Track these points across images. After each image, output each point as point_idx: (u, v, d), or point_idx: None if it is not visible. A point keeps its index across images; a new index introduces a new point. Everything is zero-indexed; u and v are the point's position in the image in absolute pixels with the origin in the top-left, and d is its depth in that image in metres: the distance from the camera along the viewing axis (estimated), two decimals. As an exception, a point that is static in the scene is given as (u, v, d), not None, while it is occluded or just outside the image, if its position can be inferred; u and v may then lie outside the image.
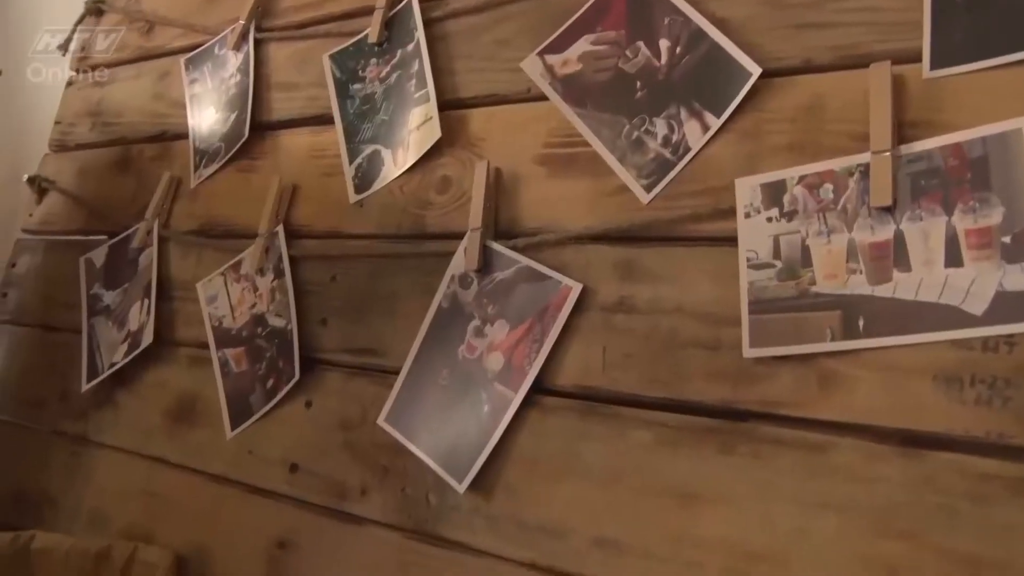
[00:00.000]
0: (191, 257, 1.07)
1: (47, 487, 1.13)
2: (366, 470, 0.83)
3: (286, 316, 0.92)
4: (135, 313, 1.07)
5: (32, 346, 1.25)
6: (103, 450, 1.09)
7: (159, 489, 1.01)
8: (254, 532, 0.90)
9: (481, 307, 0.79)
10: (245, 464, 0.93)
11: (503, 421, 0.74)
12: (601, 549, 0.67)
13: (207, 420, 0.98)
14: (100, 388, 1.10)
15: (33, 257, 1.31)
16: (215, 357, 0.98)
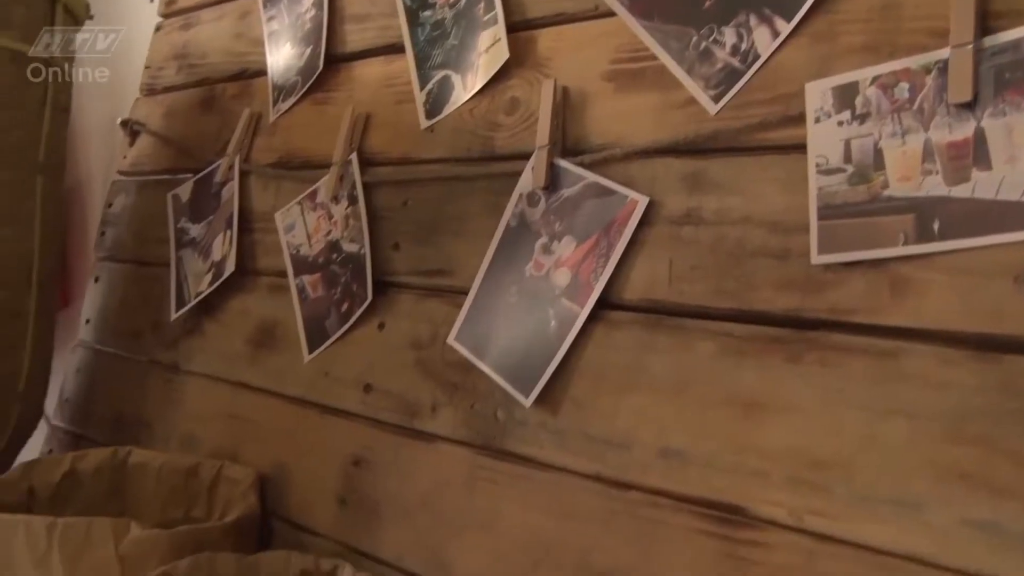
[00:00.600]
0: (270, 189, 1.10)
1: (143, 412, 1.19)
2: (436, 388, 0.84)
3: (360, 241, 0.94)
4: (218, 244, 1.11)
5: (128, 281, 1.30)
6: (192, 377, 1.14)
7: (242, 412, 1.05)
8: (330, 451, 0.93)
9: (548, 224, 0.78)
10: (321, 386, 0.96)
11: (569, 336, 0.74)
12: (666, 460, 0.67)
13: (286, 345, 1.01)
14: (188, 318, 1.15)
15: (127, 197, 1.36)
16: (293, 284, 1.01)
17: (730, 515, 0.63)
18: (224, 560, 0.81)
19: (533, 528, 0.74)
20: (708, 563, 0.64)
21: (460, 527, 0.80)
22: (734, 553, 0.63)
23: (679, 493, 0.66)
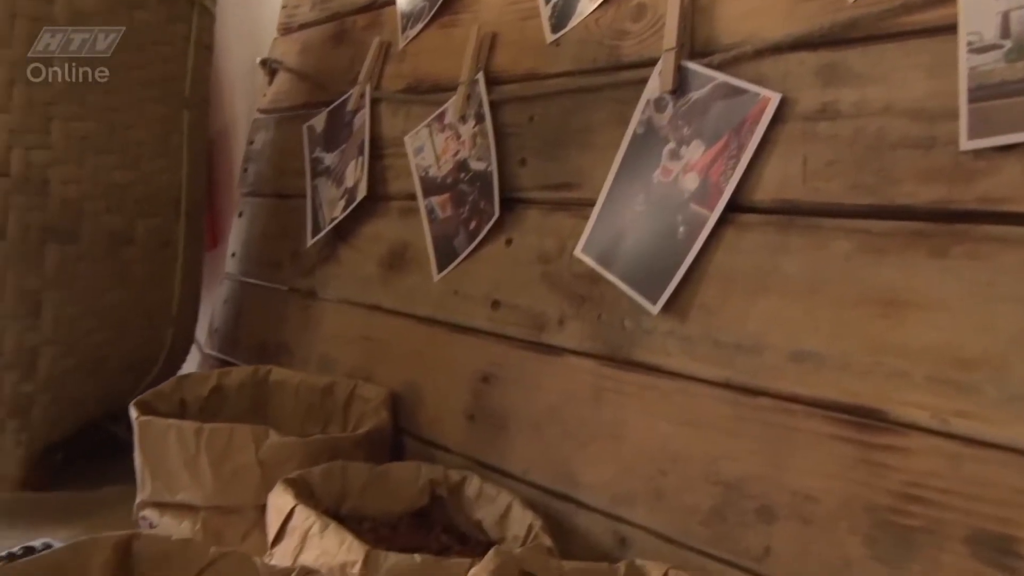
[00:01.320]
0: (399, 115, 1.11)
1: (284, 337, 1.23)
2: (563, 301, 0.83)
3: (487, 159, 0.94)
4: (351, 171, 1.13)
5: (268, 213, 1.35)
6: (328, 302, 1.17)
7: (375, 334, 1.08)
8: (459, 368, 0.94)
9: (676, 129, 0.76)
10: (450, 304, 0.97)
11: (698, 241, 0.71)
12: (798, 363, 0.64)
13: (416, 266, 1.03)
14: (323, 245, 1.18)
15: (267, 133, 1.40)
16: (422, 205, 1.02)
17: (867, 419, 0.60)
18: (356, 468, 0.83)
19: (660, 438, 0.73)
20: (843, 469, 0.61)
21: (586, 439, 0.79)
22: (870, 459, 0.60)
23: (812, 397, 0.63)
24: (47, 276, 1.02)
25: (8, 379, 1.03)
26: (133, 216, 1.09)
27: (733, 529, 0.67)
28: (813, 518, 0.62)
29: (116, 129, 1.06)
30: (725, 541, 0.67)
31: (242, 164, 1.44)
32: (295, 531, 0.69)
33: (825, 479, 0.62)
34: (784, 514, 0.64)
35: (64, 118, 1.02)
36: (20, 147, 1.00)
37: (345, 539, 0.65)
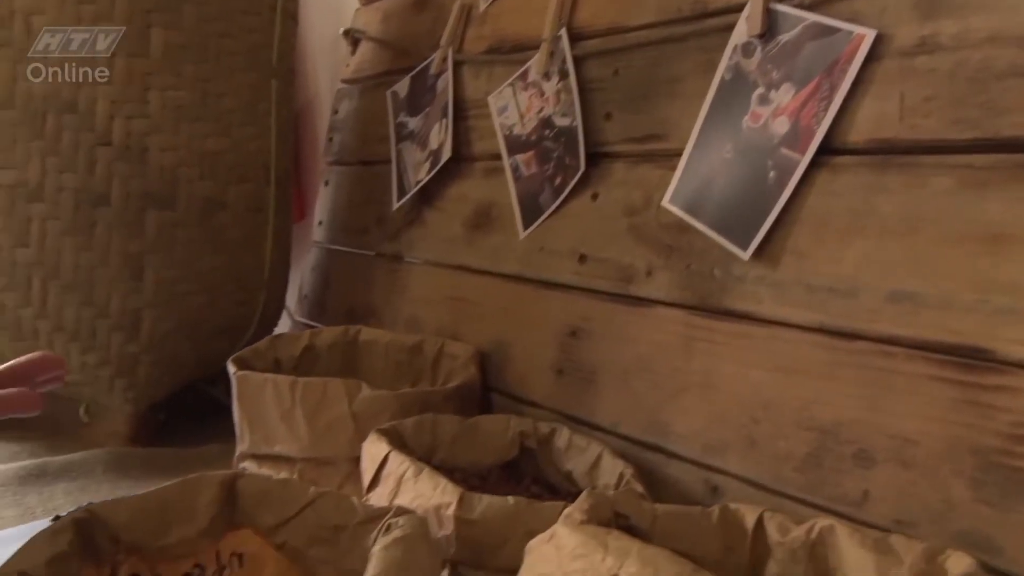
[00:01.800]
0: (482, 76, 1.11)
1: (371, 301, 1.25)
2: (651, 252, 0.83)
3: (571, 115, 0.93)
4: (435, 133, 1.14)
5: (353, 181, 1.38)
6: (414, 264, 1.19)
7: (462, 293, 1.09)
8: (547, 324, 0.94)
9: (765, 73, 0.74)
10: (537, 261, 0.97)
11: (789, 185, 0.70)
12: (896, 304, 0.63)
13: (501, 225, 1.03)
14: (409, 209, 1.19)
15: (350, 102, 1.42)
16: (507, 164, 1.02)
17: (971, 359, 0.59)
18: (446, 420, 0.84)
19: (752, 385, 0.72)
20: (945, 411, 0.59)
21: (677, 389, 0.79)
22: (977, 400, 0.58)
23: (912, 339, 0.62)
24: (148, 241, 1.06)
25: (115, 340, 1.07)
26: (225, 182, 1.12)
27: (829, 475, 0.66)
28: (914, 461, 0.61)
29: (208, 98, 1.10)
30: (821, 487, 0.66)
31: (327, 134, 1.47)
32: (390, 476, 0.71)
33: (926, 421, 0.60)
34: (883, 458, 0.62)
35: (161, 88, 1.05)
36: (121, 117, 1.03)
37: (439, 482, 0.67)
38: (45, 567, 0.53)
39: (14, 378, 0.59)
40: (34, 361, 0.60)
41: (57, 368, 0.62)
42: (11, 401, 0.57)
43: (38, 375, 0.61)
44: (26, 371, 0.60)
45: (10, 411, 0.57)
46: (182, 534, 0.61)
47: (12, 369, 0.60)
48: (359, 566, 0.60)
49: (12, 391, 0.58)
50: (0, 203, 1.03)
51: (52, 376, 0.62)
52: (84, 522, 0.57)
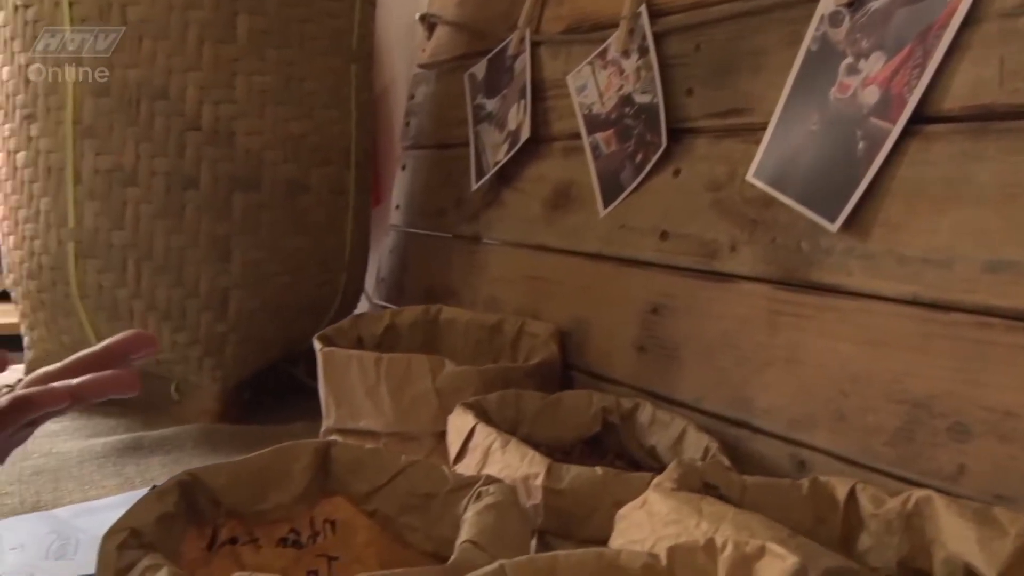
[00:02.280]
0: (560, 56, 1.11)
1: (450, 282, 1.27)
2: (735, 227, 0.82)
3: (652, 91, 0.93)
4: (513, 114, 1.15)
5: (431, 164, 1.39)
6: (493, 245, 1.20)
7: (541, 273, 1.09)
8: (627, 301, 0.94)
9: (854, 43, 0.73)
10: (617, 239, 0.97)
11: (880, 155, 0.69)
12: (994, 274, 0.61)
13: (581, 204, 1.03)
14: (488, 191, 1.20)
15: (427, 87, 1.44)
16: (586, 142, 1.02)
17: (1075, 329, 0.57)
18: (529, 396, 0.85)
19: (840, 359, 0.71)
20: (1047, 383, 0.58)
21: (762, 364, 0.78)
22: (1079, 370, 0.57)
23: (1012, 309, 0.60)
24: (235, 222, 1.09)
25: (204, 319, 1.10)
26: (308, 165, 1.15)
27: (922, 448, 0.64)
28: (1014, 435, 0.59)
29: (292, 82, 1.12)
30: (914, 461, 0.65)
31: (404, 119, 1.49)
32: (476, 448, 0.72)
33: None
34: (980, 431, 0.61)
35: (247, 73, 1.08)
36: (210, 102, 1.06)
37: (527, 453, 0.67)
38: (154, 525, 0.55)
39: (111, 357, 0.60)
40: (129, 339, 0.61)
41: (150, 345, 0.63)
42: (110, 382, 0.58)
43: (133, 352, 0.62)
44: (122, 349, 0.61)
45: (110, 392, 0.59)
46: (278, 499, 0.63)
47: (108, 348, 0.61)
48: (449, 533, 0.61)
49: (110, 373, 0.59)
50: (98, 188, 1.07)
51: (145, 352, 0.63)
52: (187, 485, 0.59)
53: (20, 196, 1.12)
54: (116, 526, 0.54)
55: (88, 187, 1.07)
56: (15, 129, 1.12)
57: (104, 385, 0.58)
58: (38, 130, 1.09)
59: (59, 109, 1.07)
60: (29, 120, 1.09)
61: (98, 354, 0.61)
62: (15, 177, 1.13)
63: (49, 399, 0.56)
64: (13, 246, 1.15)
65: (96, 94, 1.06)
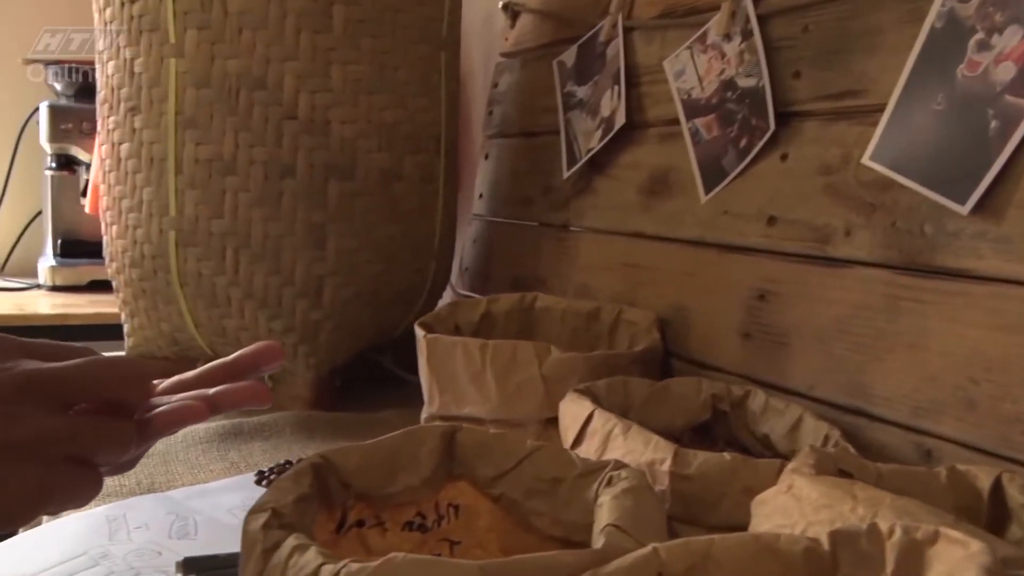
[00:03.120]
0: (655, 42, 1.10)
1: (538, 271, 1.27)
2: (850, 211, 0.81)
3: (757, 75, 0.91)
4: (606, 101, 1.14)
5: (516, 152, 1.39)
6: (584, 233, 1.19)
7: (636, 260, 1.08)
8: (731, 287, 0.93)
9: (985, 17, 0.71)
10: (720, 225, 0.96)
11: (1016, 135, 0.67)
12: None
13: (680, 190, 1.02)
14: (578, 179, 1.20)
15: (511, 75, 1.44)
16: (685, 128, 1.01)
17: None
18: (637, 383, 0.84)
19: (969, 345, 0.69)
20: None
21: (880, 351, 0.76)
22: None
23: None
24: (330, 210, 1.10)
25: (299, 307, 1.12)
26: (401, 153, 1.15)
27: (1064, 437, 0.62)
28: None
29: (385, 70, 1.12)
30: (1054, 450, 0.63)
31: (487, 108, 1.49)
32: (595, 434, 0.72)
33: None
34: None
35: (342, 62, 1.09)
36: (306, 91, 1.07)
37: (651, 439, 0.67)
38: (292, 506, 0.55)
39: (241, 368, 0.62)
40: (259, 350, 0.63)
41: (278, 356, 0.65)
42: (245, 393, 0.60)
43: (262, 364, 0.63)
44: (252, 361, 0.63)
45: (244, 404, 0.61)
46: (407, 482, 0.63)
47: (238, 360, 0.62)
48: (579, 518, 0.61)
49: (245, 384, 0.61)
50: (198, 176, 1.08)
51: (274, 364, 0.65)
52: (320, 467, 0.60)
53: (123, 187, 1.15)
54: (258, 506, 0.54)
55: (189, 176, 1.09)
56: (119, 121, 1.14)
57: (239, 396, 0.60)
58: (141, 122, 1.11)
59: (162, 101, 1.09)
60: (133, 112, 1.12)
61: (228, 365, 0.63)
62: (119, 168, 1.15)
63: (190, 415, 0.58)
64: (116, 235, 1.18)
65: (197, 85, 1.07)
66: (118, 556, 0.72)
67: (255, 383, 0.62)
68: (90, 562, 0.71)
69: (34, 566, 0.70)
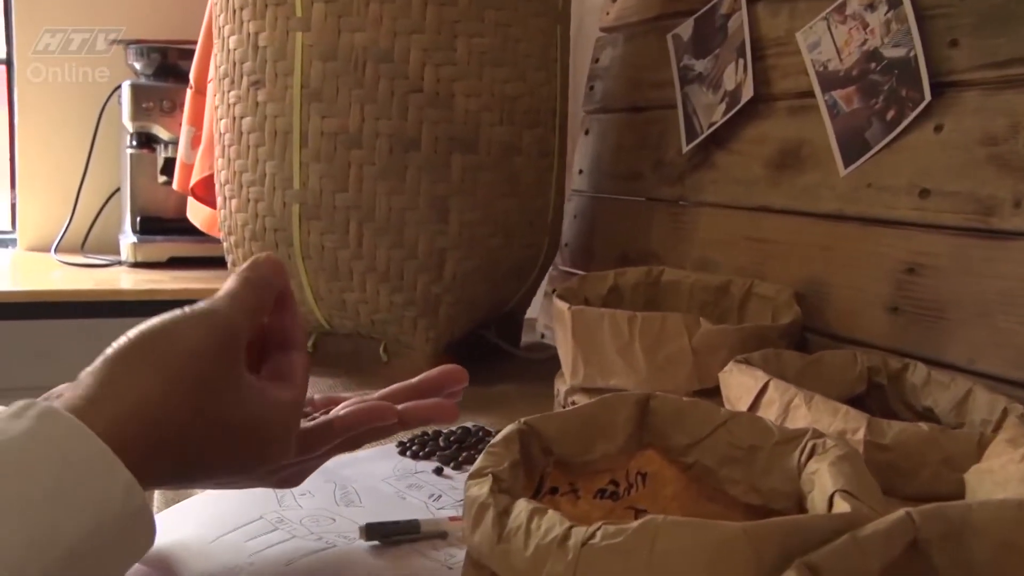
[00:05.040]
0: (782, 14, 1.09)
1: (649, 246, 1.26)
2: (1020, 182, 0.79)
3: (907, 44, 0.90)
4: (729, 74, 1.13)
5: (621, 128, 1.38)
6: (702, 207, 1.18)
7: (764, 234, 1.07)
8: (876, 261, 0.92)
9: None
10: (863, 198, 0.94)
11: None
12: None
13: (814, 164, 1.01)
14: (695, 152, 1.19)
15: (613, 50, 1.43)
16: (822, 101, 1.00)
17: None
18: (789, 355, 0.84)
19: None
20: None
21: (1054, 324, 0.75)
22: None
23: None
24: (453, 183, 1.10)
25: (421, 281, 1.12)
26: (521, 127, 1.15)
27: None
28: None
29: (508, 43, 1.12)
30: None
31: (587, 83, 1.48)
32: (773, 404, 0.71)
33: None
34: None
35: (467, 35, 1.08)
36: (432, 64, 1.07)
37: (839, 408, 0.66)
38: (508, 471, 0.56)
39: (424, 390, 0.65)
40: (445, 372, 0.66)
41: (462, 380, 0.67)
42: (435, 410, 0.63)
43: (447, 387, 0.66)
44: (437, 383, 0.66)
45: (433, 420, 0.63)
46: (604, 450, 0.63)
47: (423, 382, 0.66)
48: (779, 486, 0.60)
49: (434, 401, 0.64)
50: (324, 150, 1.09)
51: (458, 388, 0.67)
52: (524, 433, 0.60)
53: (245, 160, 1.15)
54: (477, 471, 0.55)
55: (313, 150, 1.09)
56: (241, 95, 1.14)
57: (426, 412, 0.63)
58: (265, 95, 1.11)
59: (287, 75, 1.09)
60: (256, 86, 1.12)
61: (413, 386, 0.66)
62: (240, 142, 1.16)
63: (378, 415, 0.60)
64: (235, 209, 1.19)
65: (324, 58, 1.07)
66: (295, 521, 0.73)
67: (442, 400, 0.64)
68: (268, 526, 0.72)
69: (213, 530, 0.71)
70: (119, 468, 0.44)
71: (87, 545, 0.43)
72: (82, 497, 0.43)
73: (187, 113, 1.94)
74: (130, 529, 0.45)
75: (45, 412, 0.44)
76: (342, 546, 0.69)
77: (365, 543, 0.69)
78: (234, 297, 0.55)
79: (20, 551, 0.40)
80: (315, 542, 0.69)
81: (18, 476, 0.42)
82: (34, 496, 0.41)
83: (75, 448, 0.43)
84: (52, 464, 0.42)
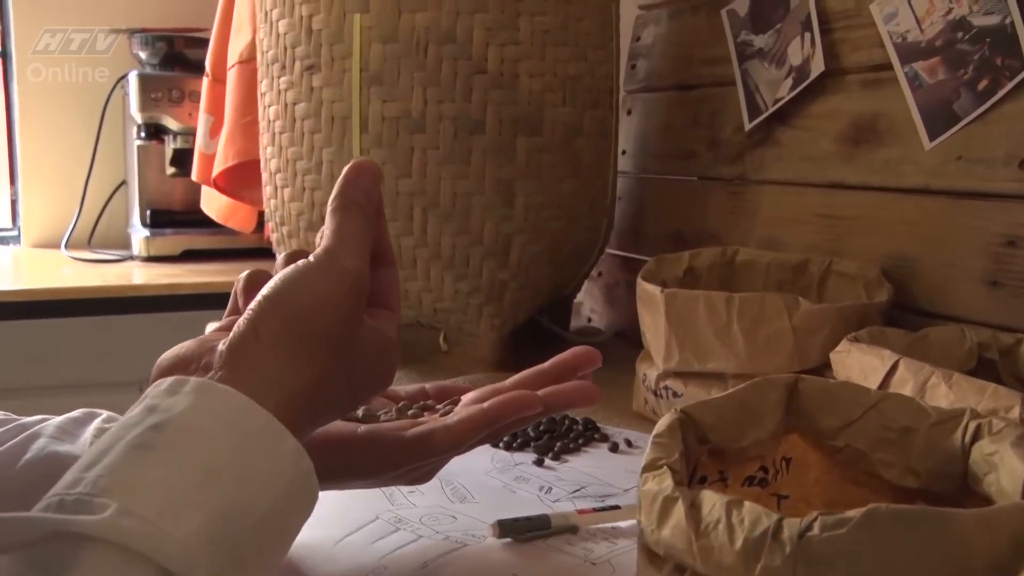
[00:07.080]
0: (851, -15, 1.07)
1: (706, 226, 1.24)
2: None
3: (999, 11, 0.88)
4: (795, 49, 1.11)
5: (669, 107, 1.36)
6: (765, 185, 1.16)
7: (838, 211, 1.06)
8: (970, 236, 0.90)
9: None
10: (952, 171, 0.93)
11: None
12: None
13: (893, 138, 0.99)
14: (756, 130, 1.17)
15: (656, 27, 1.40)
16: (901, 73, 0.98)
17: None
18: (894, 333, 0.82)
19: None
20: None
21: None
22: None
23: None
24: (518, 166, 1.08)
25: (486, 267, 1.09)
26: (582, 107, 1.13)
27: None
28: None
29: (569, 22, 1.09)
30: None
31: (628, 62, 1.45)
32: (906, 383, 0.70)
33: None
34: None
35: (530, 13, 1.06)
36: (495, 44, 1.04)
37: (987, 387, 0.65)
38: (679, 462, 0.54)
39: (559, 373, 0.63)
40: (577, 354, 0.64)
41: (595, 361, 0.64)
42: (576, 392, 0.60)
43: (580, 368, 0.64)
44: (570, 365, 0.64)
45: (575, 403, 0.61)
46: (756, 436, 0.61)
47: (556, 365, 0.63)
48: (939, 468, 0.59)
49: (575, 383, 0.61)
50: (385, 135, 1.06)
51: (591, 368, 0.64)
52: (683, 422, 0.58)
53: (299, 147, 1.12)
54: (651, 464, 0.52)
55: (375, 135, 1.06)
56: (293, 80, 1.11)
57: (568, 396, 0.60)
58: (321, 80, 1.08)
59: (344, 58, 1.06)
60: (311, 71, 1.09)
61: (546, 370, 0.64)
62: (293, 129, 1.12)
63: (525, 404, 0.58)
64: (288, 199, 1.15)
65: (383, 40, 1.04)
66: (414, 520, 0.70)
67: (583, 382, 0.62)
68: (389, 527, 0.69)
69: (333, 531, 0.69)
70: (287, 436, 0.44)
71: (273, 512, 0.43)
72: (260, 466, 0.43)
73: (204, 101, 1.89)
74: (301, 494, 0.45)
75: (203, 386, 0.44)
76: (474, 545, 0.67)
77: (497, 540, 0.67)
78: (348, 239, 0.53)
79: (219, 524, 0.40)
80: (443, 541, 0.67)
81: (198, 450, 0.41)
82: (219, 468, 0.41)
83: (243, 419, 0.43)
84: (226, 436, 0.42)
